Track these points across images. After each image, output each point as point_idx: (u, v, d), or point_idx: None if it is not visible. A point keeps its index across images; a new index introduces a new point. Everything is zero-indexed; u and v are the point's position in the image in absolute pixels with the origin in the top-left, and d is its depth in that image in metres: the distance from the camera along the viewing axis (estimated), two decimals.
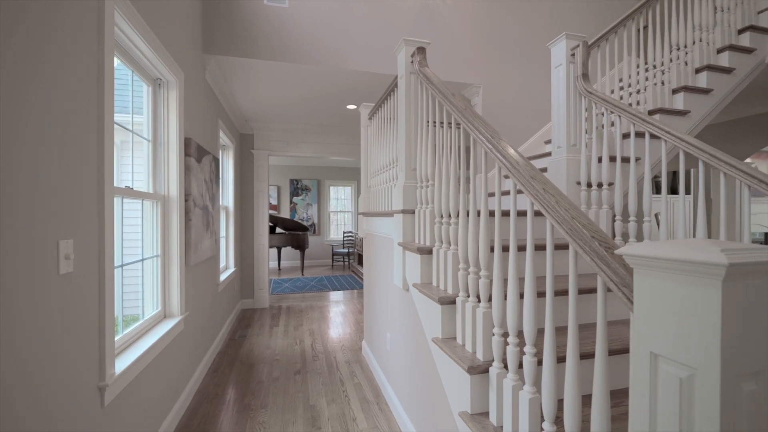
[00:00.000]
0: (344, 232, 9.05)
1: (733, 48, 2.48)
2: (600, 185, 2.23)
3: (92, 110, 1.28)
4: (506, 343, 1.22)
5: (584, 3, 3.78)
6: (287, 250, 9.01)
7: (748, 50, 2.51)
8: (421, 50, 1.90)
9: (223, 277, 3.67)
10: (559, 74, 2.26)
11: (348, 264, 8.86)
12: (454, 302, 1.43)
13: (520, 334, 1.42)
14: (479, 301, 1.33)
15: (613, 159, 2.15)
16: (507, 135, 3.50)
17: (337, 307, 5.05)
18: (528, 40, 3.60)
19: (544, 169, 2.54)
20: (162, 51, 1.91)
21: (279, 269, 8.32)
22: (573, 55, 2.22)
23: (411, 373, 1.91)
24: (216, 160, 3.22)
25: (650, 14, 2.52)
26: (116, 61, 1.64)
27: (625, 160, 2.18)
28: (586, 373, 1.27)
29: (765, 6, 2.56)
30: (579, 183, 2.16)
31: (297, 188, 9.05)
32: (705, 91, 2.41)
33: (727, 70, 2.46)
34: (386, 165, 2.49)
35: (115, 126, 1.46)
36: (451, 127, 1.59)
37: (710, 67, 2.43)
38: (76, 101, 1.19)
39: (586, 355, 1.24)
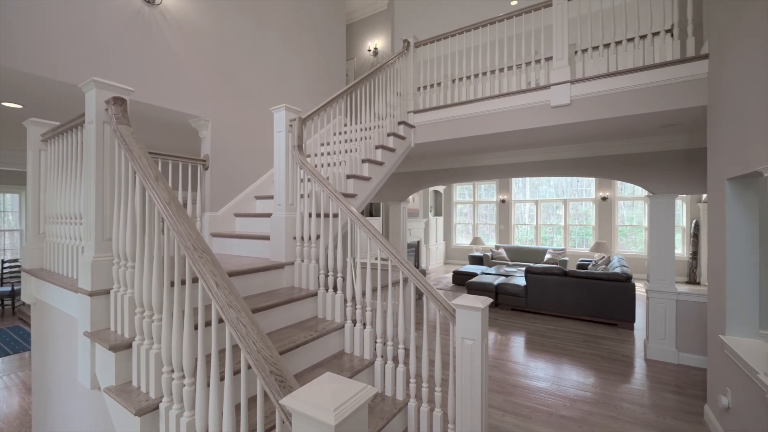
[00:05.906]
0: (3, 261, 6.18)
1: (394, 135, 3.59)
2: (310, 238, 2.66)
3: None
4: None
5: (311, 63, 4.35)
6: None
7: (402, 137, 3.71)
8: (119, 101, 1.60)
9: None
10: (280, 139, 2.51)
11: (13, 309, 6.08)
12: (157, 408, 1.32)
13: None
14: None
15: (326, 215, 2.59)
16: (239, 172, 3.51)
17: None
18: (263, 86, 3.76)
19: (269, 214, 2.75)
20: None
21: None
22: (291, 125, 2.53)
23: None
24: None
25: (353, 96, 3.24)
26: None
27: (334, 214, 2.68)
28: None
29: (412, 109, 3.88)
30: (295, 238, 2.49)
31: None
32: (380, 163, 3.36)
33: (391, 150, 3.54)
34: (74, 216, 1.93)
35: None
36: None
37: (383, 147, 3.41)
38: None
39: None
